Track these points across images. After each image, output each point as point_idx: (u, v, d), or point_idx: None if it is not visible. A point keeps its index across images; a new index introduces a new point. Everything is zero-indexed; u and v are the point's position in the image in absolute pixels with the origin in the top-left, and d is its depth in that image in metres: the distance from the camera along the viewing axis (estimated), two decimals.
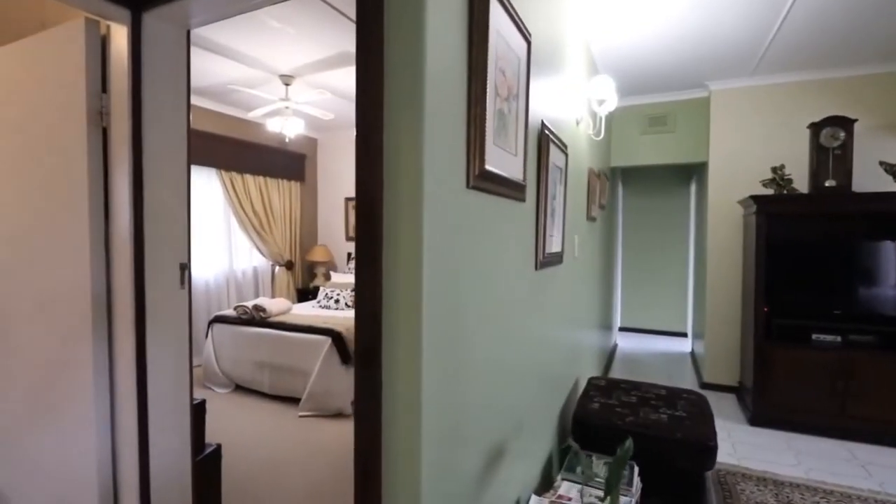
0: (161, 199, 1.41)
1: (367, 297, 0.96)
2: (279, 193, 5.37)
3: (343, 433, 3.00)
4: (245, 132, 4.96)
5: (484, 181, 1.18)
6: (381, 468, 0.95)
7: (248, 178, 4.97)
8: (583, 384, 2.94)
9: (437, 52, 0.94)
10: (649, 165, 4.71)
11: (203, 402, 1.85)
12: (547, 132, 1.80)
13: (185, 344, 1.49)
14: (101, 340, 1.38)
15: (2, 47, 1.56)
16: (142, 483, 1.40)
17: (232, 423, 3.13)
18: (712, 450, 1.99)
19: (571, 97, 2.47)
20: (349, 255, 5.79)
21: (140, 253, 1.35)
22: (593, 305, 3.61)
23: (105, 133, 1.40)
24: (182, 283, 1.46)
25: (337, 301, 4.60)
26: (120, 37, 1.37)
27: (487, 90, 1.15)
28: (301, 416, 3.25)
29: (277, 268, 5.39)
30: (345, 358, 3.33)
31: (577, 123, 2.65)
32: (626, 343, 5.81)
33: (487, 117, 1.16)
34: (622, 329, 6.42)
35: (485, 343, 1.25)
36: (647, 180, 6.34)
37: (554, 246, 1.98)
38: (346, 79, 3.87)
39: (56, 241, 1.43)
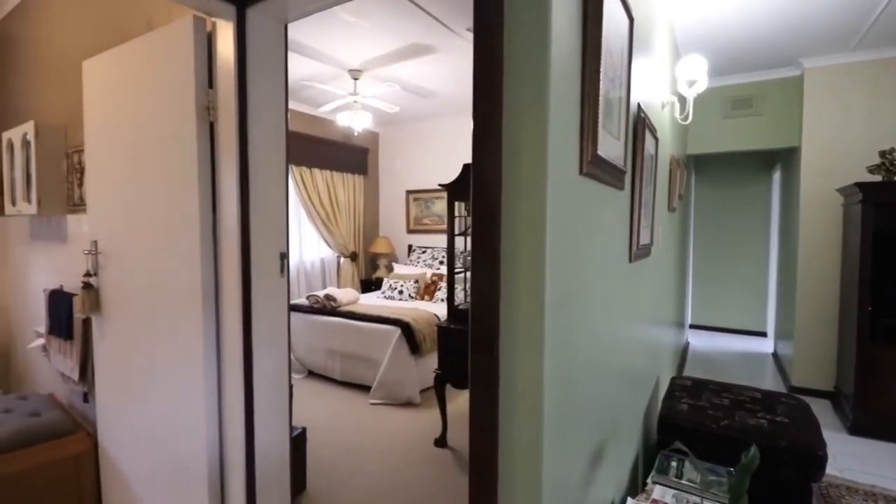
0: (263, 191, 1.46)
1: (484, 285, 0.93)
2: (344, 187, 5.51)
3: (414, 421, 3.04)
4: (313, 128, 5.11)
5: (594, 167, 1.12)
6: (497, 461, 0.93)
7: (317, 172, 5.13)
8: (663, 384, 2.80)
9: (559, 24, 0.89)
10: (730, 152, 4.39)
11: (291, 386, 1.93)
12: (643, 116, 1.69)
13: (285, 329, 1.55)
14: (210, 324, 1.46)
15: (118, 48, 1.67)
16: (247, 455, 1.47)
17: (308, 407, 3.25)
18: (821, 459, 1.82)
19: (658, 79, 2.32)
20: (410, 246, 5.85)
21: (246, 243, 1.40)
22: (670, 301, 3.42)
23: (212, 128, 1.46)
24: (281, 271, 1.50)
25: (401, 292, 4.67)
26: (225, 33, 1.42)
27: (601, 68, 1.08)
28: (372, 404, 3.32)
29: (343, 259, 5.54)
30: (413, 348, 3.37)
31: (662, 107, 2.49)
32: (698, 341, 5.49)
33: (600, 99, 1.09)
34: (692, 326, 6.07)
35: (587, 337, 1.20)
36: (723, 168, 5.92)
37: (644, 237, 1.87)
38: (413, 70, 3.88)
39: (171, 230, 1.52)
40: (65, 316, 2.07)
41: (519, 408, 0.91)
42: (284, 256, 1.52)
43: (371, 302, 4.34)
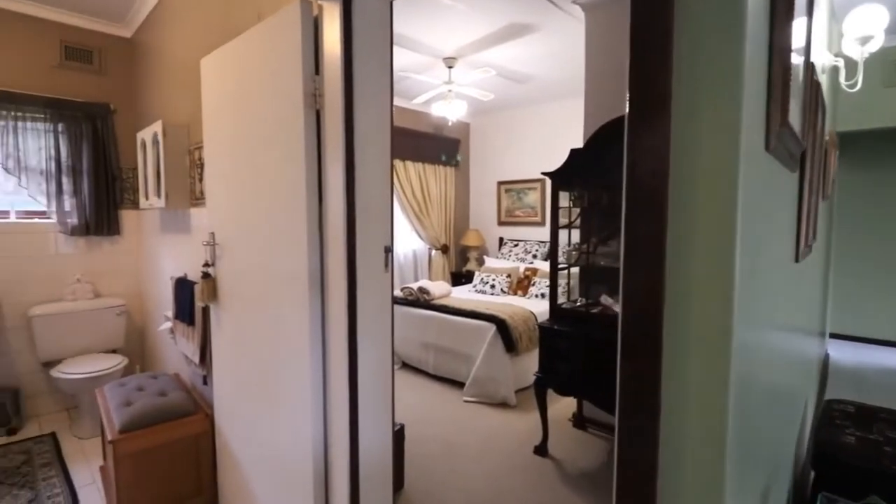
0: (368, 181, 1.39)
1: (641, 282, 0.74)
2: (436, 178, 5.48)
3: (511, 424, 2.89)
4: (406, 120, 5.12)
5: (781, 141, 0.87)
6: (655, 484, 0.74)
7: (409, 164, 5.14)
8: (811, 407, 2.35)
9: None
10: (888, 129, 3.61)
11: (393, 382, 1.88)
12: (817, 80, 1.36)
13: (389, 325, 1.47)
14: (316, 318, 1.42)
15: (230, 42, 1.70)
16: (352, 450, 1.42)
17: (403, 400, 3.24)
18: None
19: (820, 40, 1.90)
20: (501, 239, 5.67)
21: (351, 235, 1.34)
22: (817, 306, 2.88)
23: (318, 116, 1.41)
24: (386, 266, 1.43)
25: (492, 286, 4.52)
26: (331, 15, 1.36)
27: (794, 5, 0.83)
28: (466, 401, 3.23)
29: (434, 251, 5.53)
30: (509, 346, 3.21)
31: (822, 72, 2.05)
32: (841, 354, 4.66)
33: (792, 50, 0.84)
34: (831, 336, 5.19)
35: (763, 350, 0.95)
36: (874, 148, 4.94)
37: (811, 231, 1.52)
38: (510, 54, 3.68)
39: (278, 221, 1.51)
40: (188, 303, 2.21)
41: (690, 439, 0.72)
42: (389, 250, 1.43)
43: (463, 296, 4.25)
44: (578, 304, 2.59)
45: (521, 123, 5.46)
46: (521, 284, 4.54)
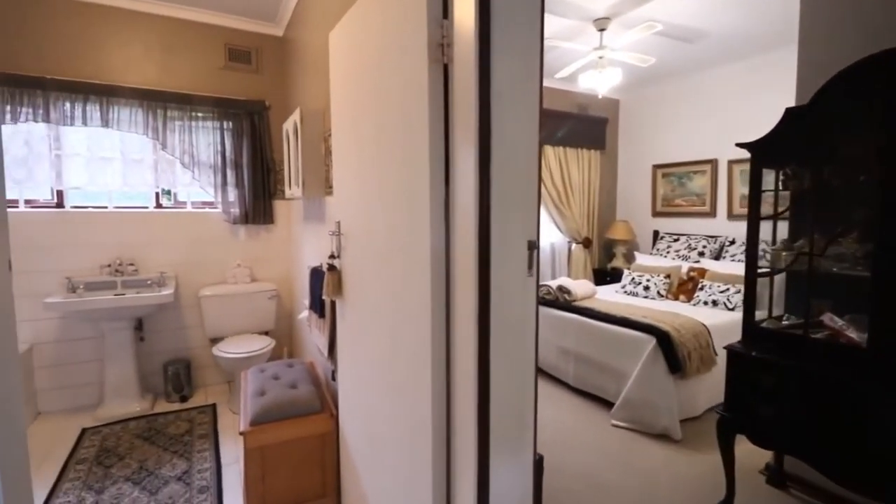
0: (508, 156, 1.04)
1: None
2: (578, 164, 4.91)
3: (676, 464, 2.31)
4: (545, 99, 4.65)
5: None
6: None
7: (548, 149, 4.67)
8: None
9: None
10: None
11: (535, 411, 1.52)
12: None
13: (531, 341, 1.12)
14: (439, 326, 1.14)
15: (352, 8, 1.50)
16: (480, 494, 1.11)
17: (539, 411, 2.87)
18: None
19: None
20: (656, 233, 4.87)
21: (484, 226, 1.01)
22: None
23: (446, 72, 1.11)
24: (530, 266, 1.07)
25: (646, 288, 3.85)
26: None
27: None
28: (615, 425, 2.72)
29: (574, 245, 4.98)
30: (673, 366, 2.60)
31: None
32: None
33: None
34: None
35: None
36: None
37: None
38: (676, 6, 2.98)
39: (397, 206, 1.26)
40: (319, 294, 2.14)
41: None
42: (534, 247, 1.07)
43: (610, 298, 3.67)
44: (787, 322, 1.91)
45: (686, 93, 4.57)
46: (683, 288, 3.78)
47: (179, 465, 2.31)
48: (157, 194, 3.27)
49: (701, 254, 4.21)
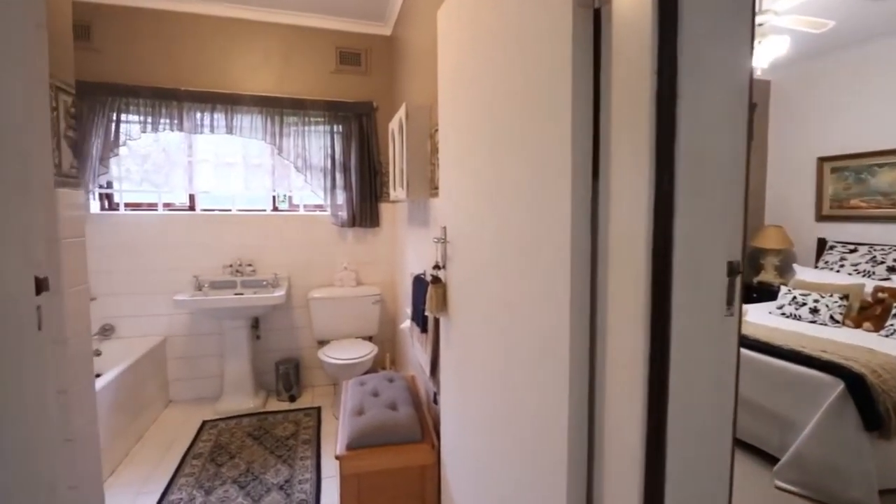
0: (704, 142, 0.70)
1: None
2: None
3: None
4: None
5: None
6: None
7: None
8: None
9: None
10: None
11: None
12: None
13: (731, 400, 0.76)
14: (579, 380, 0.82)
15: None
16: None
17: None
18: None
19: None
20: (822, 241, 3.95)
21: (663, 236, 0.68)
22: None
23: (597, 20, 0.80)
24: (730, 300, 0.71)
25: (814, 311, 3.08)
26: None
27: None
28: (779, 488, 2.14)
29: None
30: (870, 420, 1.95)
31: None
32: None
33: None
34: None
35: None
36: None
37: None
38: None
39: (523, 193, 0.97)
40: (421, 305, 1.94)
41: None
42: (737, 271, 0.71)
43: (765, 321, 3.00)
44: None
45: (871, 64, 3.62)
46: (868, 313, 2.95)
47: (282, 472, 2.28)
48: (273, 198, 3.38)
49: (892, 269, 3.29)
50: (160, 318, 3.10)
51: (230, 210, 3.29)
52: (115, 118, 2.91)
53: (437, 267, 1.52)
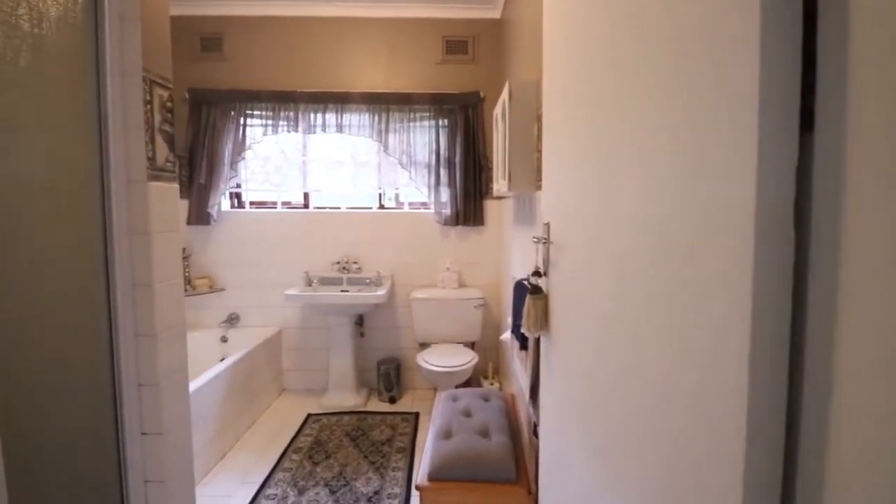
0: None
1: None
2: None
3: None
4: None
5: None
6: None
7: None
8: None
9: None
10: None
11: None
12: None
13: None
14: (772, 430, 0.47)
15: None
16: None
17: None
18: None
19: None
20: None
21: None
22: None
23: None
24: None
25: None
26: None
27: None
28: None
29: None
30: None
31: None
32: None
33: None
34: None
35: None
36: None
37: None
38: None
39: (669, 165, 0.64)
40: (521, 317, 1.65)
41: None
42: None
43: None
44: None
45: None
46: None
47: (373, 482, 2.17)
48: (379, 195, 3.35)
49: None
50: (277, 309, 3.25)
51: (339, 208, 3.34)
52: (242, 122, 3.12)
53: (537, 273, 1.21)
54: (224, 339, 3.18)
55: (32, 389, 1.07)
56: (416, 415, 2.90)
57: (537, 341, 1.39)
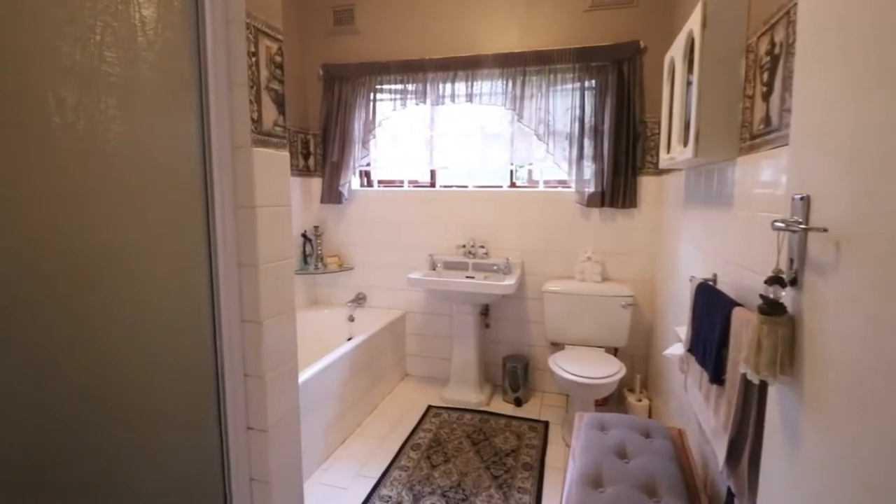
0: None
1: None
2: None
3: None
4: None
5: None
6: None
7: None
8: None
9: None
10: None
11: None
12: None
13: None
14: None
15: None
16: None
17: None
18: None
19: None
20: None
21: None
22: None
23: None
24: None
25: None
26: None
27: None
28: None
29: None
30: None
31: None
32: None
33: None
34: None
35: None
36: None
37: None
38: None
39: None
40: (714, 335, 1.16)
41: None
42: None
43: None
44: None
45: None
46: None
47: (495, 501, 1.87)
48: (511, 172, 2.98)
49: None
50: (402, 292, 3.13)
51: (467, 187, 3.06)
52: (372, 98, 2.99)
53: (775, 280, 0.74)
54: (351, 319, 3.16)
55: (134, 378, 0.97)
56: (546, 425, 2.53)
57: (762, 387, 0.91)
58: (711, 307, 1.20)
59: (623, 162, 2.60)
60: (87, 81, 0.83)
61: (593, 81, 2.62)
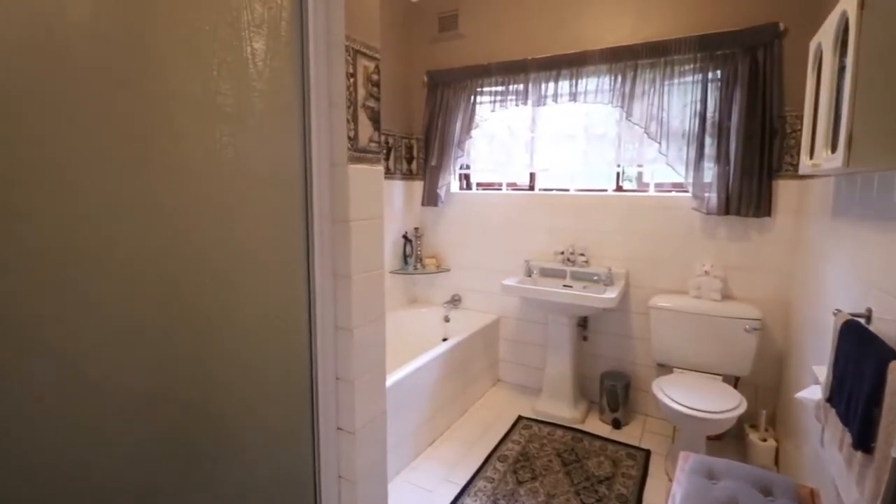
0: None
1: None
2: None
3: None
4: None
5: None
6: None
7: None
8: None
9: None
10: None
11: None
12: None
13: None
14: None
15: None
16: None
17: None
18: None
19: None
20: None
21: None
22: None
23: None
24: None
25: None
26: None
27: None
28: None
29: None
30: None
31: None
32: None
33: None
34: None
35: None
36: None
37: None
38: None
39: None
40: (863, 389, 0.94)
41: None
42: None
43: None
44: None
45: None
46: None
47: None
48: (617, 175, 2.77)
49: None
50: (496, 296, 3.09)
51: (568, 190, 2.91)
52: (472, 100, 3.00)
53: None
54: (447, 319, 3.21)
55: (237, 378, 1.07)
56: (647, 454, 2.31)
57: None
58: (861, 353, 0.98)
59: (755, 163, 2.26)
60: (205, 113, 0.93)
61: (718, 72, 2.32)
